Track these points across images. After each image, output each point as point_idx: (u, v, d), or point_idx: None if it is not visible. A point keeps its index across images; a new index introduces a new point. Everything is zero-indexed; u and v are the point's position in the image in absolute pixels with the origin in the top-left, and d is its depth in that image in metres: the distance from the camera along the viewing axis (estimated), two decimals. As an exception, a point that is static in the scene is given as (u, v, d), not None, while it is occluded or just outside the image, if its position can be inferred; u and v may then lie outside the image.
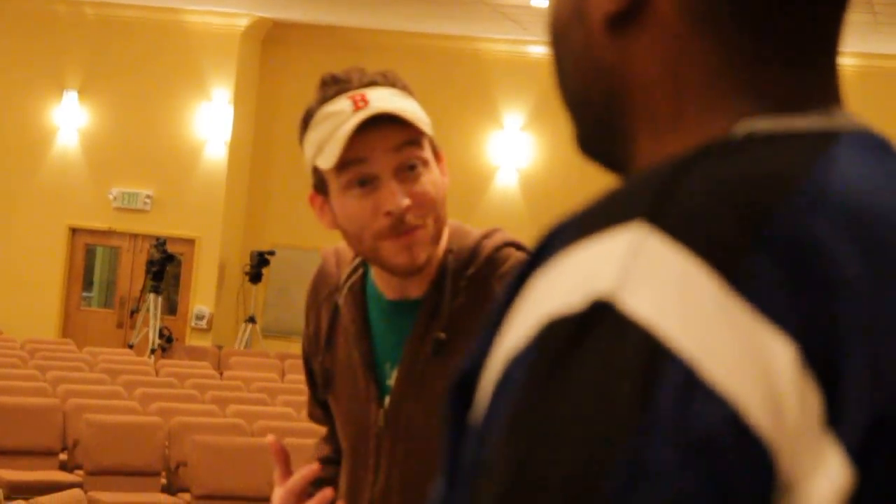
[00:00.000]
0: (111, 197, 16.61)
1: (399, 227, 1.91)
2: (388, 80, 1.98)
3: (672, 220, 0.70)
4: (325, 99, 1.96)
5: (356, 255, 2.05)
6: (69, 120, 16.74)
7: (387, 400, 1.99)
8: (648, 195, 0.72)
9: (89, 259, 17.05)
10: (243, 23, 16.56)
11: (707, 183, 0.71)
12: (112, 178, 16.67)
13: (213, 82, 16.52)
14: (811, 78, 0.80)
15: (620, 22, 0.82)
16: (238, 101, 16.63)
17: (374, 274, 2.03)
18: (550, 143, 16.74)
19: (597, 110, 0.87)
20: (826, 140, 0.76)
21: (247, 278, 16.69)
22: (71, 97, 16.73)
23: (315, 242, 16.71)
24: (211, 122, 16.49)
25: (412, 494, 1.96)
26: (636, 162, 0.84)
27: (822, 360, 0.67)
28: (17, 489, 7.60)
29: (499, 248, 2.01)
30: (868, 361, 0.68)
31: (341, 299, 2.06)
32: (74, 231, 16.78)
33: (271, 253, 16.52)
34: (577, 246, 0.72)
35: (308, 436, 8.55)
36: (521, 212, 16.65)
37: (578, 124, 0.91)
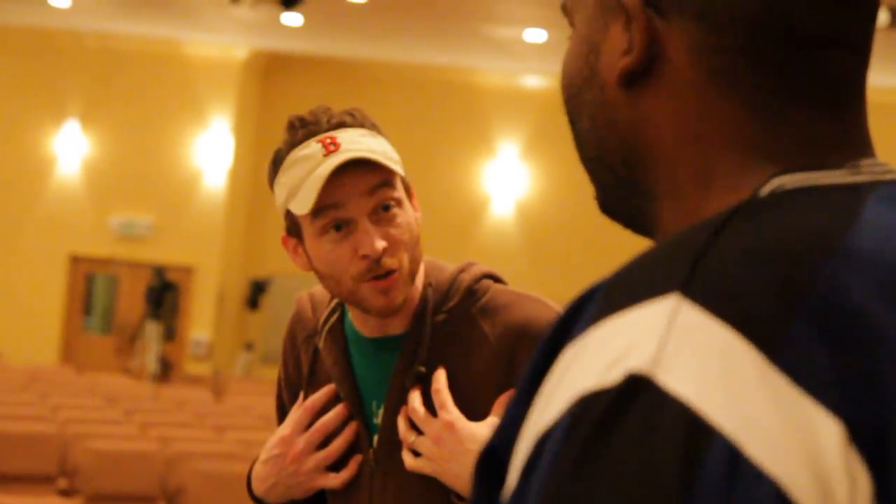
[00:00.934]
0: (111, 225, 16.74)
1: (375, 269, 1.92)
2: (356, 121, 1.97)
3: (708, 292, 0.67)
4: (294, 143, 1.96)
5: (332, 297, 2.06)
6: (70, 148, 16.88)
7: (375, 439, 2.01)
8: (682, 265, 0.69)
9: (89, 286, 17.17)
10: (242, 54, 16.72)
11: (740, 250, 0.69)
12: (112, 206, 16.80)
13: (213, 112, 16.67)
14: (836, 130, 0.78)
15: (636, 79, 0.80)
16: (238, 130, 16.77)
17: (352, 314, 2.04)
18: (546, 172, 16.88)
19: (616, 170, 0.84)
20: (855, 196, 0.73)
21: (245, 306, 16.81)
22: (72, 126, 16.88)
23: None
24: (210, 151, 16.64)
25: None
26: (661, 222, 0.82)
27: (870, 435, 0.64)
28: (16, 515, 7.68)
29: (476, 280, 2.02)
30: None
31: (321, 342, 2.07)
32: (75, 259, 16.91)
33: (268, 281, 16.63)
34: (612, 317, 0.69)
35: (304, 463, 8.65)
36: (517, 241, 16.77)
37: (598, 185, 0.88)
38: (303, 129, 1.97)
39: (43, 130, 16.98)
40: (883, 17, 11.22)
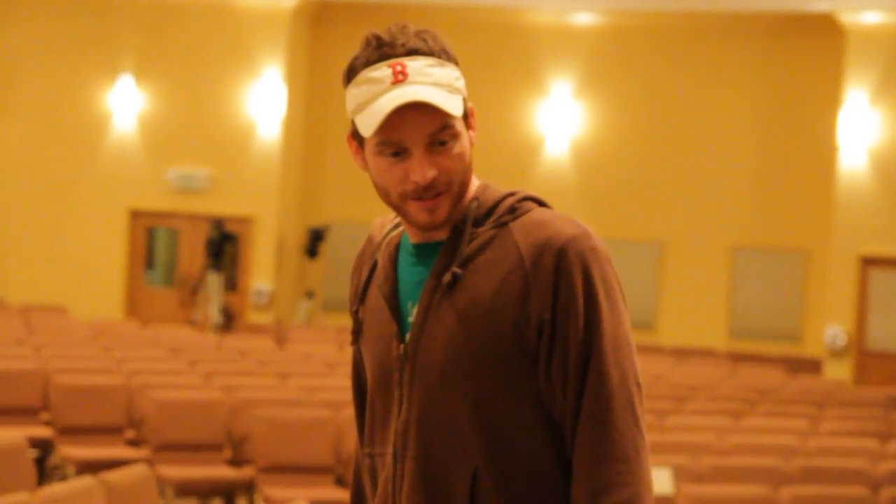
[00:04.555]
0: (169, 178, 16.87)
1: (423, 193, 2.07)
2: (427, 48, 2.08)
3: None
4: (368, 61, 2.08)
5: (386, 204, 2.18)
6: (125, 104, 17.01)
7: (407, 336, 2.13)
8: None
9: (150, 240, 17.35)
10: (291, 3, 16.72)
11: None
12: (169, 160, 16.93)
13: (265, 62, 16.71)
14: None
15: None
16: (290, 79, 16.81)
17: (402, 221, 2.18)
18: (600, 110, 16.78)
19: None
20: None
21: (304, 254, 16.91)
22: (126, 81, 16.99)
23: (371, 217, 16.88)
24: (264, 101, 16.70)
25: (427, 424, 2.09)
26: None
27: None
28: (85, 466, 7.81)
29: (520, 201, 2.15)
30: None
31: (379, 253, 2.21)
32: (135, 214, 17.08)
33: (326, 228, 16.72)
34: None
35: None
36: (572, 180, 16.72)
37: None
38: (378, 50, 2.08)
39: (97, 87, 17.11)
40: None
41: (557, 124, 16.80)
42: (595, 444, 2.03)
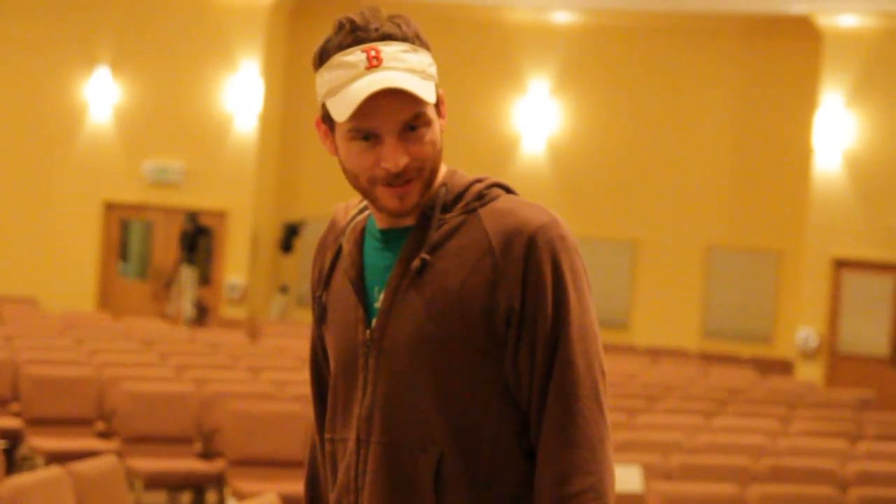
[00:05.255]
0: (144, 171, 16.82)
1: (394, 180, 2.07)
2: (402, 33, 2.08)
3: None
4: (341, 46, 2.08)
5: (362, 200, 2.20)
6: (101, 96, 16.94)
7: (373, 322, 2.12)
8: None
9: (124, 232, 17.29)
10: (270, -4, 16.68)
11: None
12: (145, 152, 16.88)
13: (242, 55, 16.67)
14: None
15: None
16: (267, 73, 16.77)
17: (370, 207, 2.17)
18: (577, 108, 16.81)
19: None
20: None
21: (279, 249, 16.88)
22: (103, 73, 16.92)
23: (346, 212, 16.87)
24: (241, 95, 16.66)
25: (392, 410, 2.09)
26: None
27: None
28: (54, 457, 7.78)
29: (488, 187, 2.15)
30: None
31: (344, 238, 2.21)
32: (109, 206, 17.02)
33: (302, 223, 16.69)
34: None
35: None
36: (548, 178, 16.74)
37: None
38: (351, 34, 2.08)
39: (74, 78, 17.04)
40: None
41: (534, 122, 16.81)
42: (560, 431, 2.05)
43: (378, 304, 2.13)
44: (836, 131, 15.25)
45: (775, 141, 16.31)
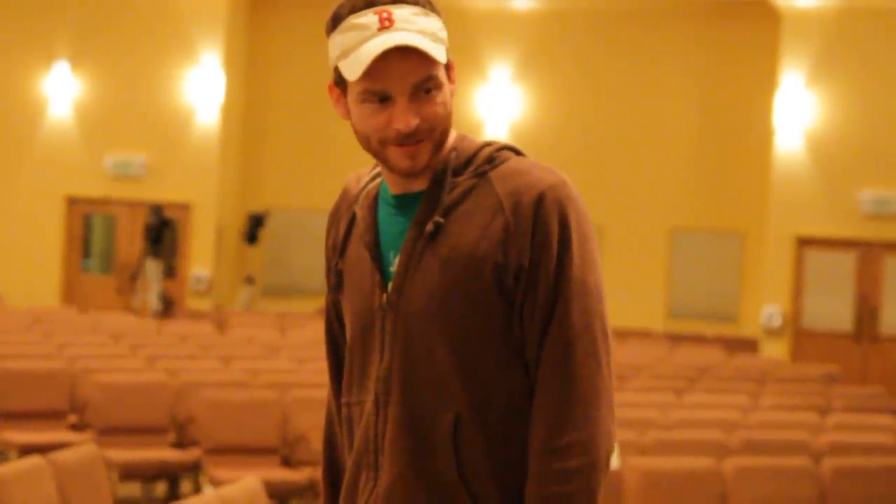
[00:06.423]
0: (106, 165, 16.73)
1: (405, 140, 2.10)
2: None
3: None
4: (354, 8, 2.11)
5: (374, 167, 2.24)
6: (61, 90, 16.83)
7: (390, 285, 2.16)
8: None
9: (87, 227, 17.20)
10: (230, -14, 16.61)
11: None
12: (106, 147, 16.79)
13: (203, 47, 16.60)
14: None
15: None
16: (228, 65, 16.71)
17: (382, 172, 2.21)
18: (539, 94, 16.84)
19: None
20: None
21: (244, 240, 16.84)
22: (62, 67, 16.81)
23: (310, 202, 16.86)
24: (202, 87, 16.59)
25: (409, 372, 2.13)
26: None
27: None
28: (27, 450, 7.74)
29: (498, 150, 2.20)
30: None
31: (357, 206, 2.24)
32: (72, 200, 16.92)
33: (266, 214, 16.65)
34: None
35: (311, 387, 8.74)
36: (513, 163, 16.75)
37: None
38: None
39: (32, 73, 16.93)
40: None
41: (497, 109, 16.83)
42: (554, 387, 2.08)
43: (394, 268, 2.16)
44: (796, 111, 15.36)
45: (737, 122, 16.40)
